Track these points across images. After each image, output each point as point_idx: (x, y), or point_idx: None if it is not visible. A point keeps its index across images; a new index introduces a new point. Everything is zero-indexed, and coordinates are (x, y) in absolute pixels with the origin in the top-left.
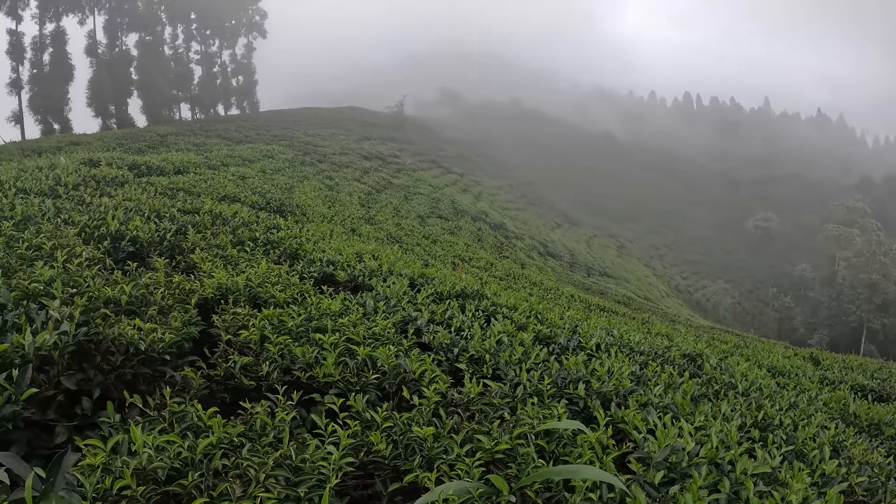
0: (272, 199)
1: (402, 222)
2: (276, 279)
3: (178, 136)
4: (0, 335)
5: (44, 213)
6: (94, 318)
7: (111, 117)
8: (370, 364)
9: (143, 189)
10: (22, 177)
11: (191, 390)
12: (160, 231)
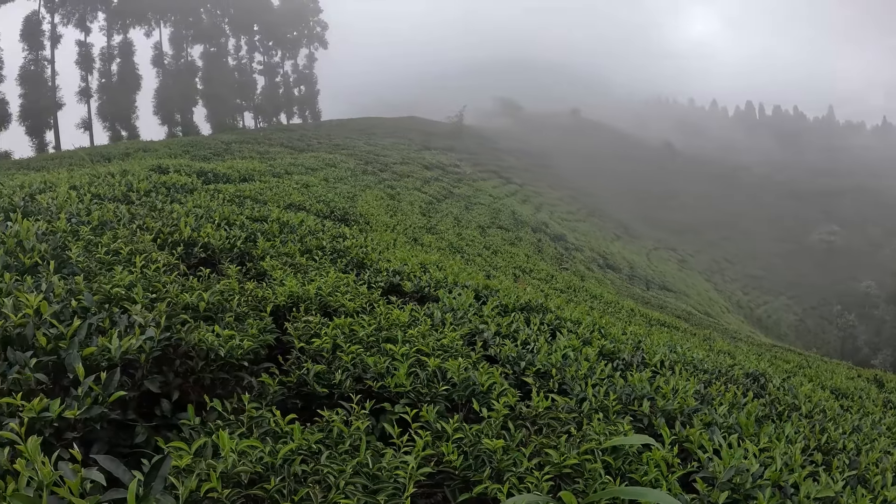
0: (336, 208)
1: (463, 232)
2: (345, 288)
3: (243, 144)
4: (85, 338)
5: (119, 219)
6: (175, 324)
7: (177, 125)
8: (440, 375)
9: (211, 196)
10: (95, 182)
11: (267, 396)
12: (231, 238)
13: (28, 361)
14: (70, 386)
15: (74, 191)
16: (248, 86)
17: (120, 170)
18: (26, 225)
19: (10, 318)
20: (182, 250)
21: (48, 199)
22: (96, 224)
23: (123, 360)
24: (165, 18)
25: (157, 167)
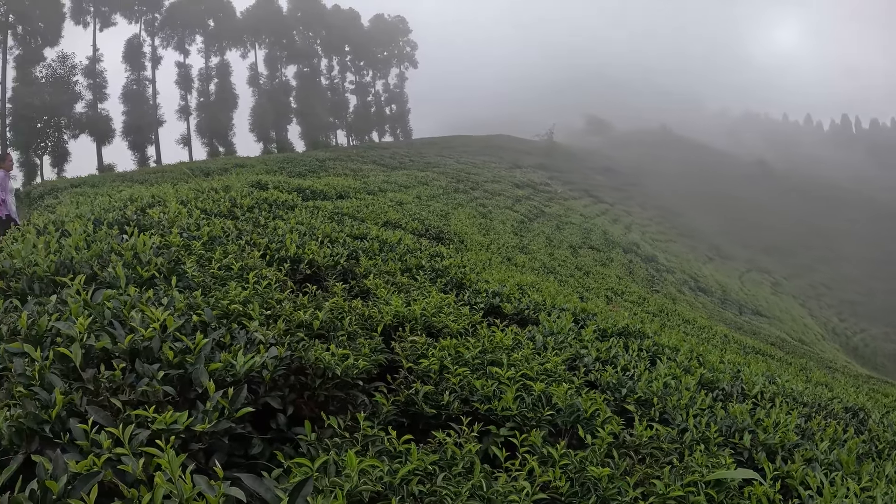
0: (431, 226)
1: (554, 252)
2: (448, 309)
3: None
4: (209, 353)
5: (227, 234)
6: (292, 342)
7: (272, 142)
8: (545, 400)
9: (311, 213)
10: (200, 197)
11: (380, 415)
12: (334, 256)
13: (156, 374)
14: (196, 399)
15: (183, 205)
16: (340, 104)
17: (222, 185)
18: (143, 239)
19: (139, 331)
20: (288, 267)
21: (159, 213)
22: (206, 239)
23: (247, 376)
24: (260, 41)
25: (256, 183)
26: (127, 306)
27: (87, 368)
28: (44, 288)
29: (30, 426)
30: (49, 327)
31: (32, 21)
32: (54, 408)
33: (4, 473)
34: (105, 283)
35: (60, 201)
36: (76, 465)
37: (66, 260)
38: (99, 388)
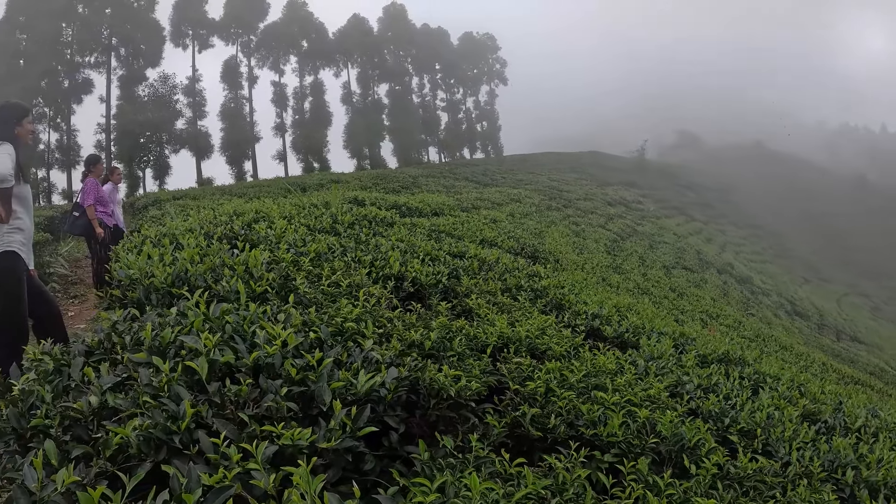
0: (526, 245)
1: (648, 272)
2: (551, 331)
3: (429, 177)
4: (329, 371)
5: (332, 251)
6: (407, 362)
7: (365, 158)
8: (649, 427)
9: (409, 230)
10: (302, 213)
11: (490, 437)
12: (436, 274)
13: (279, 390)
14: (318, 416)
15: (286, 221)
16: (432, 121)
17: (322, 201)
18: (255, 253)
19: (263, 347)
20: (393, 284)
21: (265, 228)
22: (313, 255)
23: (367, 396)
24: (352, 60)
25: (353, 199)
26: (246, 321)
27: (211, 382)
28: (160, 299)
29: (158, 436)
30: (172, 339)
31: (135, 44)
32: (183, 419)
33: (133, 480)
34: (219, 296)
35: (165, 212)
36: (209, 479)
37: (181, 272)
38: (224, 402)
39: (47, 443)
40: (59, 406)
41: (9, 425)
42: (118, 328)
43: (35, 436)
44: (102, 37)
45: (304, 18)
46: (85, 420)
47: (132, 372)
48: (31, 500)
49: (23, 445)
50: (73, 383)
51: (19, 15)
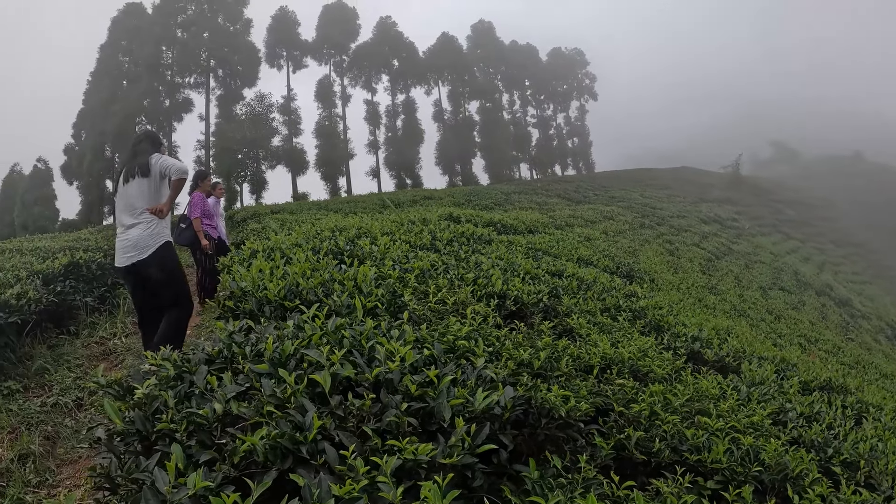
0: (621, 264)
1: (744, 293)
2: (652, 353)
3: (521, 194)
4: (447, 388)
5: (435, 268)
6: (522, 381)
7: (457, 175)
8: (752, 455)
9: (507, 248)
10: (401, 230)
11: (597, 458)
12: (537, 293)
13: (400, 405)
14: (436, 432)
15: (388, 237)
16: (522, 138)
17: (420, 218)
18: (364, 269)
19: (383, 363)
20: (496, 303)
21: (369, 244)
22: (418, 272)
23: (484, 414)
24: (443, 78)
25: (448, 216)
26: (363, 336)
27: (332, 395)
28: (273, 311)
29: (285, 445)
30: (293, 352)
31: (232, 65)
32: (310, 430)
33: (259, 487)
34: (331, 310)
35: (265, 226)
36: (338, 490)
37: (292, 286)
38: (347, 415)
39: (174, 447)
40: (183, 411)
41: (133, 427)
42: (235, 338)
43: (160, 439)
44: (201, 59)
45: (395, 38)
46: (209, 426)
47: (254, 382)
48: (160, 502)
49: (146, 447)
50: (196, 390)
51: (121, 39)
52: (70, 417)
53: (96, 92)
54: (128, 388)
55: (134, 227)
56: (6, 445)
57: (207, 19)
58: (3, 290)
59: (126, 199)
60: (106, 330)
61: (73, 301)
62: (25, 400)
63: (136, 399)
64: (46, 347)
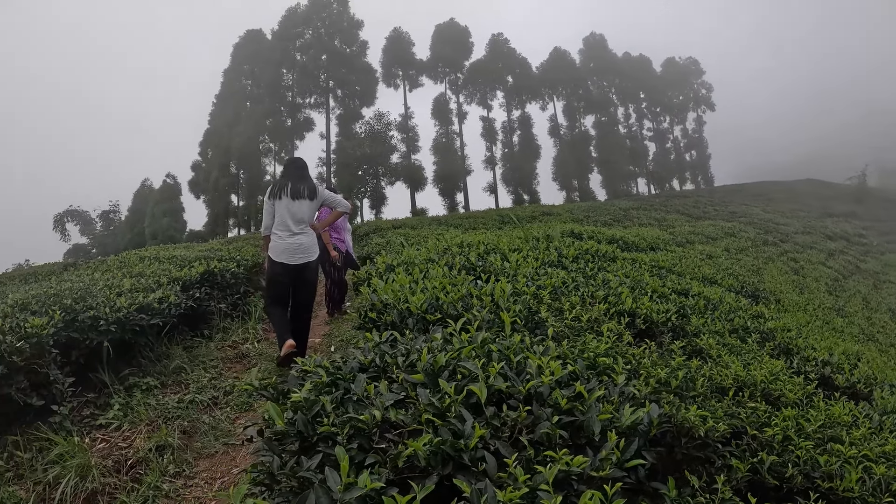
0: (746, 283)
1: (872, 316)
2: (783, 376)
3: (639, 210)
4: (577, 402)
5: (565, 285)
6: (668, 399)
7: (574, 191)
8: (884, 485)
9: (631, 265)
10: (526, 246)
11: (732, 480)
12: (665, 312)
13: (551, 418)
14: (585, 445)
15: (517, 253)
16: (639, 152)
17: (544, 234)
18: (501, 285)
19: (540, 378)
20: (626, 321)
21: (499, 260)
22: (550, 289)
23: (629, 430)
24: (557, 93)
25: (570, 232)
26: (510, 350)
27: (487, 406)
28: (415, 324)
29: (447, 451)
30: (445, 363)
31: (350, 86)
32: (469, 438)
33: (423, 491)
34: (471, 324)
35: (388, 240)
36: (502, 495)
37: (432, 300)
38: (502, 426)
39: (338, 449)
40: (343, 416)
41: (294, 429)
42: (382, 348)
43: (321, 441)
44: (320, 80)
45: (508, 55)
46: (368, 431)
47: (409, 391)
48: (331, 501)
49: (304, 448)
50: (353, 396)
51: (244, 64)
52: (207, 414)
53: (221, 113)
54: (282, 391)
55: (301, 234)
56: (144, 436)
57: (325, 42)
58: (146, 295)
59: (294, 212)
60: (238, 335)
61: (207, 307)
62: (163, 396)
63: (292, 402)
64: (182, 349)
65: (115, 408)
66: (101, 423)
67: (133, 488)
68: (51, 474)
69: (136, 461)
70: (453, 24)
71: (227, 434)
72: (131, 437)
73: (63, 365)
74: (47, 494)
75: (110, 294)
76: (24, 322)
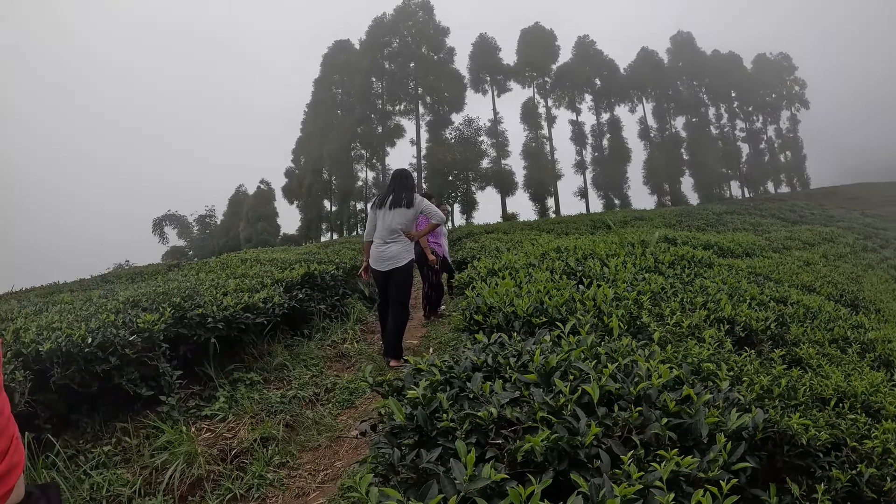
0: (845, 291)
1: None
2: (884, 388)
3: (733, 214)
4: (685, 405)
5: (664, 291)
6: (774, 405)
7: (665, 195)
8: None
9: (727, 271)
10: (622, 252)
11: (830, 490)
12: (765, 320)
13: (660, 419)
14: (692, 447)
15: (615, 258)
16: (731, 154)
17: (638, 239)
18: (603, 290)
19: (650, 381)
20: (726, 328)
21: (599, 265)
22: (649, 294)
23: (735, 435)
24: (646, 94)
25: (664, 238)
26: (619, 354)
27: (598, 406)
28: (521, 326)
29: (564, 448)
30: (557, 364)
31: (439, 93)
32: (586, 436)
33: (541, 484)
34: (578, 328)
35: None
36: (618, 490)
37: (537, 304)
38: (613, 425)
39: (458, 443)
40: (461, 413)
41: (413, 424)
42: (492, 349)
43: (440, 435)
44: (409, 88)
45: (595, 56)
46: (485, 427)
47: (523, 391)
48: (455, 490)
49: (422, 442)
50: (470, 394)
51: (333, 73)
52: (309, 410)
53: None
54: (397, 387)
55: (393, 243)
56: (248, 428)
57: (412, 50)
58: (251, 295)
59: (388, 223)
60: (337, 335)
61: (308, 307)
62: (266, 391)
63: (409, 399)
64: (283, 347)
65: (221, 400)
66: (206, 414)
67: (238, 476)
68: (158, 460)
69: (240, 451)
70: (538, 27)
71: (329, 429)
72: (236, 428)
73: (171, 358)
74: (153, 479)
75: (216, 293)
76: (136, 318)
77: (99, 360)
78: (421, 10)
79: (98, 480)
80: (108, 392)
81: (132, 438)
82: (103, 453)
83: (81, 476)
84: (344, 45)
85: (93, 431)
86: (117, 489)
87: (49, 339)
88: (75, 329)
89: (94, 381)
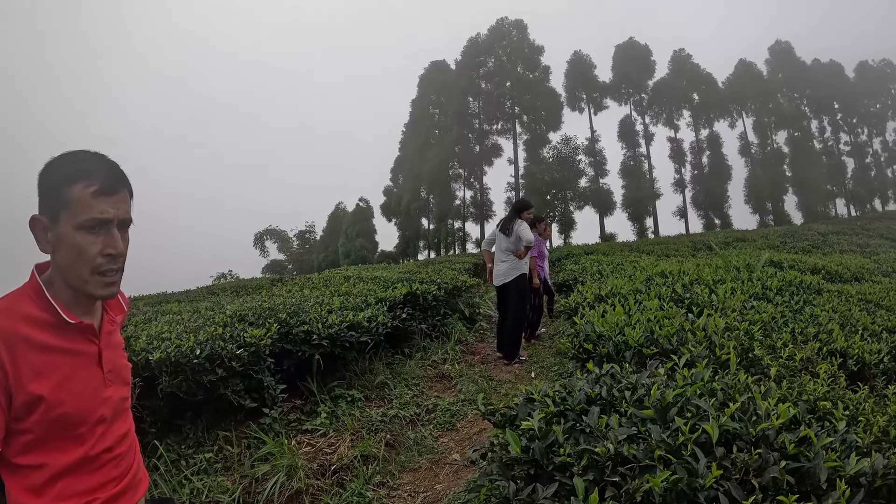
0: None
1: None
2: None
3: (839, 234)
4: (803, 447)
5: (774, 319)
6: (883, 451)
7: (767, 214)
8: None
9: (838, 298)
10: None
11: None
12: (878, 352)
13: (779, 462)
14: (808, 492)
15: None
16: (836, 169)
17: (743, 264)
18: (714, 319)
19: (770, 420)
20: (839, 361)
21: (707, 292)
22: (760, 324)
23: (851, 480)
24: (746, 108)
25: (770, 261)
26: (735, 390)
27: (716, 446)
28: (632, 357)
29: (683, 489)
30: (674, 399)
31: (536, 111)
32: (706, 477)
33: None
34: (690, 361)
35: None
36: None
37: (647, 333)
38: (732, 467)
39: (576, 480)
40: (578, 448)
41: (529, 456)
42: (605, 381)
43: (556, 470)
44: (505, 107)
45: (692, 71)
46: (602, 463)
47: (639, 426)
48: None
49: (537, 476)
50: (586, 429)
51: (430, 93)
52: (410, 429)
53: (411, 140)
54: (509, 417)
55: (503, 262)
56: (349, 444)
57: (508, 70)
58: (356, 313)
59: (500, 244)
60: (438, 355)
61: (410, 326)
62: (367, 408)
63: (523, 430)
64: (384, 365)
65: (322, 415)
66: (307, 429)
67: (337, 492)
68: (259, 471)
69: (339, 467)
70: (633, 43)
71: (430, 451)
72: (336, 444)
73: (276, 372)
74: (252, 488)
75: (321, 311)
76: (243, 332)
77: (206, 371)
78: (515, 30)
79: (199, 486)
80: (213, 401)
81: (234, 447)
82: (205, 460)
83: (182, 480)
84: (440, 65)
85: (195, 438)
86: (217, 496)
87: (159, 348)
88: (184, 340)
89: (199, 390)
